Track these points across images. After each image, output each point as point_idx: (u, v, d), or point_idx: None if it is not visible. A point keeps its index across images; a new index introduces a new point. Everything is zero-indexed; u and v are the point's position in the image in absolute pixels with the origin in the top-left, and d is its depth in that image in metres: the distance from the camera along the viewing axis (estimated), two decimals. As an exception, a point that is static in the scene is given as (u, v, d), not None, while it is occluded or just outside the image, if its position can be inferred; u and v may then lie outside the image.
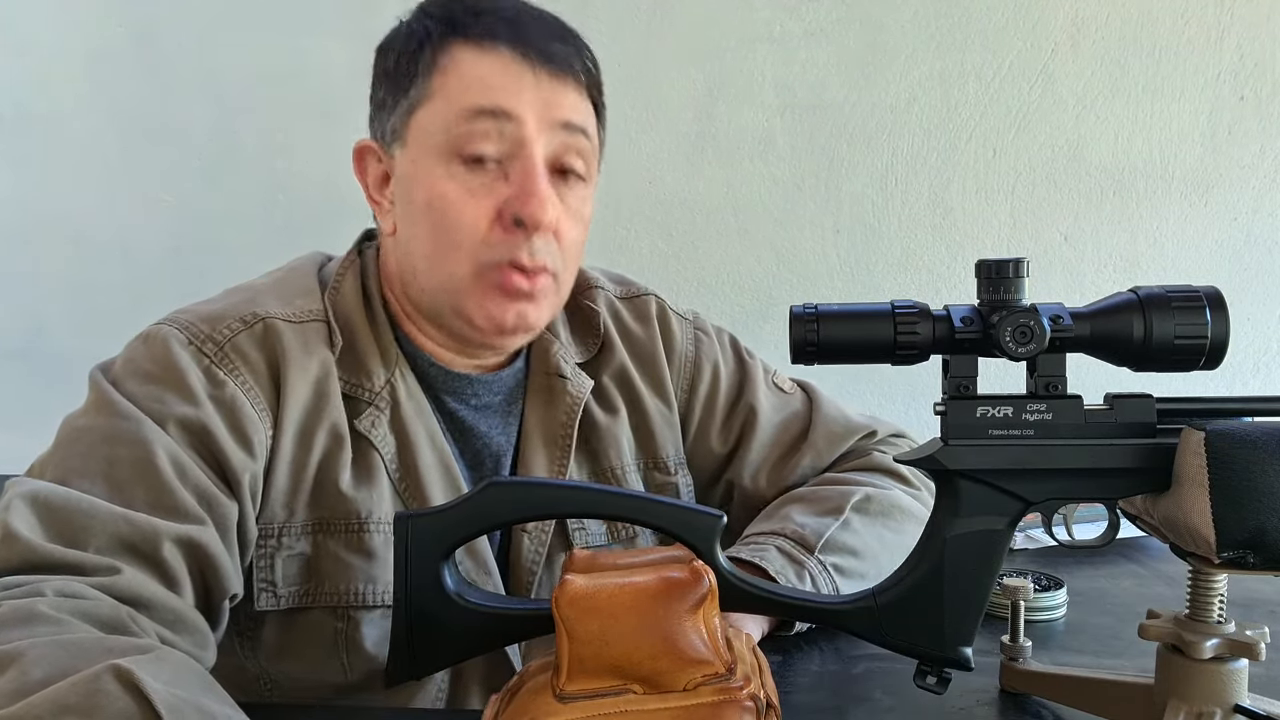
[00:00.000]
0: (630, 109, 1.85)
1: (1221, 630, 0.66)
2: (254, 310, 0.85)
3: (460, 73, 0.83)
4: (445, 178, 0.84)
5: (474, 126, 0.82)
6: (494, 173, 0.84)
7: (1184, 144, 1.81)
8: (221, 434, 0.79)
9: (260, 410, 0.82)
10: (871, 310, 0.66)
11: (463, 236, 0.84)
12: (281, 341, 0.84)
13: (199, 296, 0.89)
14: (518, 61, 0.83)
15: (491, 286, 0.85)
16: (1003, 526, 0.67)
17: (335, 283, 0.91)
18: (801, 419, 1.04)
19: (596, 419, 0.97)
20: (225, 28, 1.90)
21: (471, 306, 0.86)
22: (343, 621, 0.85)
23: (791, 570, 0.85)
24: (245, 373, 0.82)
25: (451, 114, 0.83)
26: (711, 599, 0.60)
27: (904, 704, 0.77)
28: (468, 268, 0.84)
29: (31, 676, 0.56)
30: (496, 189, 0.83)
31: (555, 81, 0.84)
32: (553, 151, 0.85)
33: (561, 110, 0.84)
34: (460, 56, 0.84)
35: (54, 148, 1.96)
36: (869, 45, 1.83)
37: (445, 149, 0.83)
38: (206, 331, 0.83)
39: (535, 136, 0.83)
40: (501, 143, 0.83)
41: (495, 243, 0.83)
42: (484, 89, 0.83)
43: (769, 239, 1.88)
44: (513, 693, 0.63)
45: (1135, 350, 0.64)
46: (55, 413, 0.82)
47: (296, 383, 0.84)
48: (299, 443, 0.84)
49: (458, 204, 0.83)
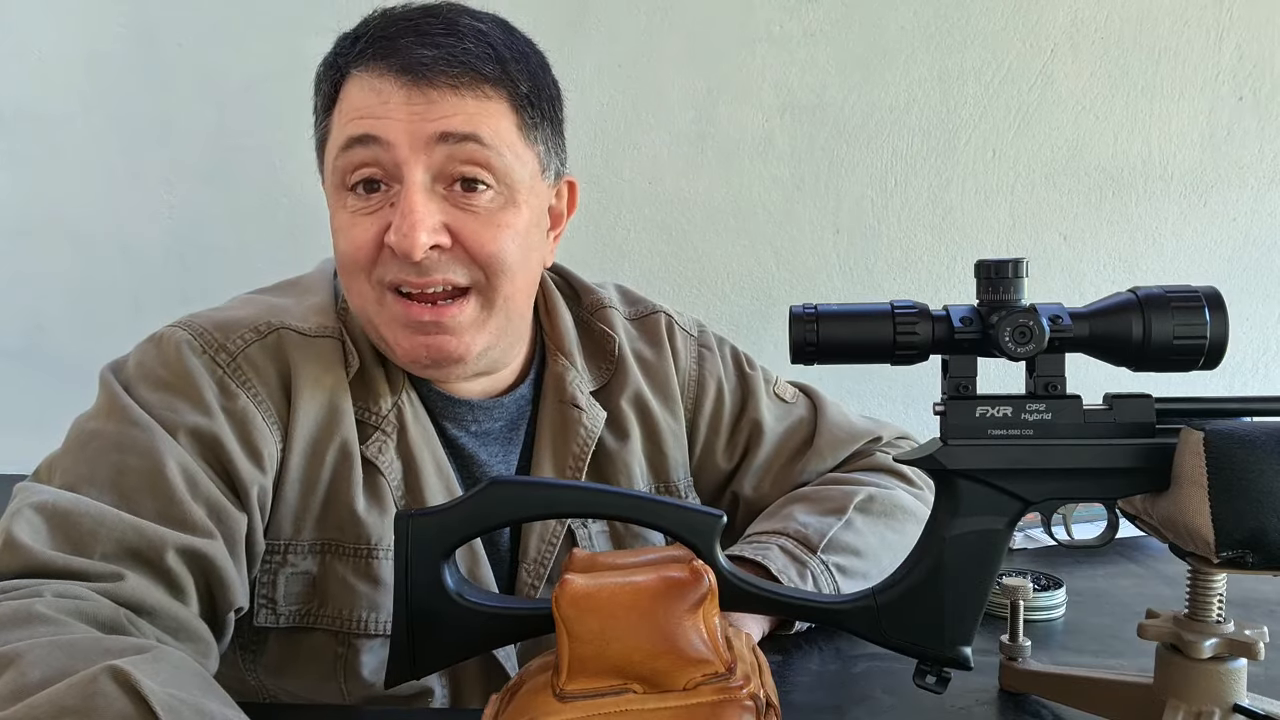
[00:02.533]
0: (630, 109, 1.85)
1: (1221, 630, 0.66)
2: (268, 320, 0.84)
3: (341, 106, 0.84)
4: (340, 209, 0.84)
5: (350, 157, 0.82)
6: (381, 197, 0.82)
7: (1183, 144, 1.81)
8: (232, 446, 0.78)
9: (270, 423, 0.81)
10: (871, 310, 0.66)
11: (355, 263, 0.83)
12: (295, 354, 0.83)
13: (199, 296, 0.89)
14: (384, 80, 0.80)
15: (396, 320, 0.83)
16: (1002, 526, 0.67)
17: (344, 300, 0.90)
18: (806, 425, 1.04)
19: (609, 447, 0.96)
20: (225, 28, 1.90)
21: (390, 339, 0.85)
22: (343, 646, 0.85)
23: (794, 570, 0.86)
24: (257, 384, 0.81)
25: (335, 148, 0.83)
26: (711, 598, 0.60)
27: (904, 704, 0.77)
28: (369, 292, 0.84)
29: (30, 678, 0.56)
30: (383, 213, 0.82)
31: (423, 95, 0.80)
32: (438, 166, 0.81)
33: (435, 123, 0.80)
34: (345, 88, 0.84)
35: (54, 148, 1.96)
36: (869, 45, 1.83)
37: (338, 182, 0.84)
38: (220, 340, 0.82)
39: (409, 157, 0.80)
40: (381, 168, 0.81)
41: (382, 263, 0.82)
42: (356, 117, 0.81)
43: (769, 239, 1.88)
44: (513, 692, 0.63)
45: (1134, 350, 0.64)
46: (55, 413, 0.82)
47: (308, 397, 0.83)
48: (309, 459, 0.83)
49: (347, 231, 0.83)
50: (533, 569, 0.92)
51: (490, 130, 0.82)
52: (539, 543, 0.92)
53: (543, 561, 0.92)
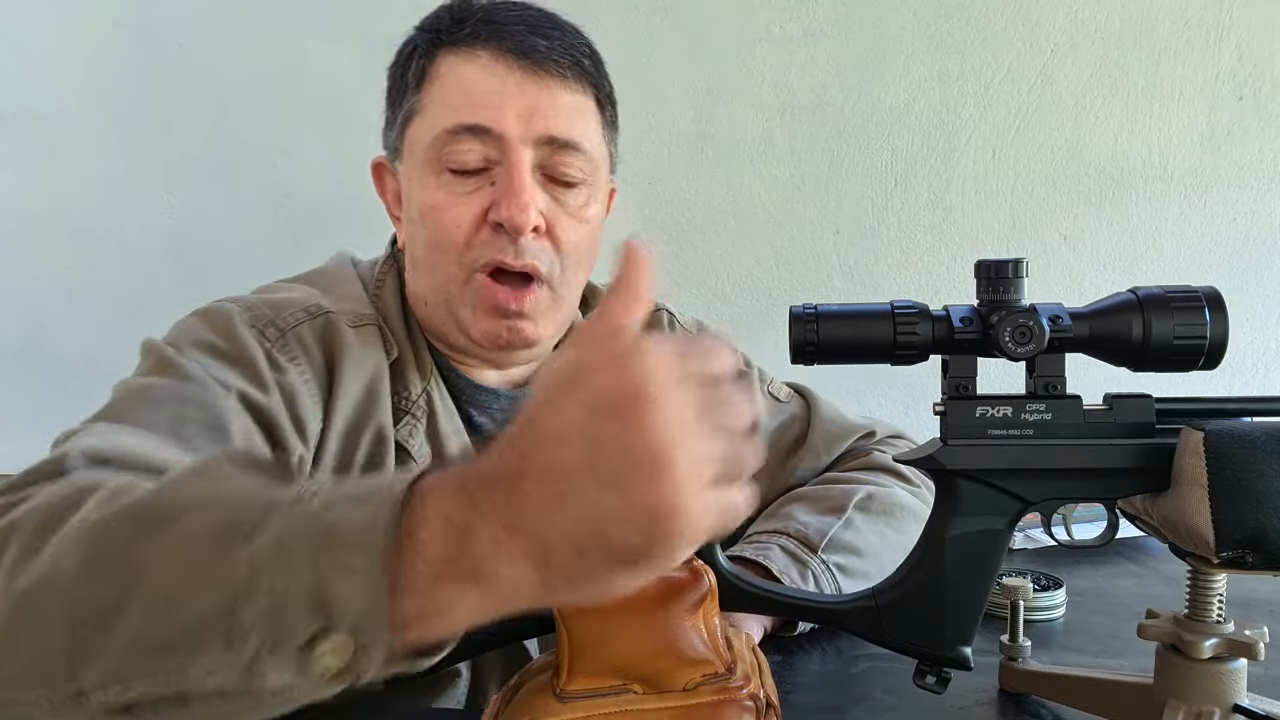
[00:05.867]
0: (630, 109, 1.84)
1: (1220, 630, 0.66)
2: (319, 303, 0.85)
3: (444, 84, 0.84)
4: (434, 186, 0.85)
5: (459, 144, 0.83)
6: (481, 179, 0.84)
7: (1183, 145, 1.81)
8: (283, 420, 0.78)
9: (314, 402, 0.82)
10: (871, 310, 0.66)
11: (450, 241, 0.84)
12: (341, 338, 0.84)
13: (199, 296, 0.88)
14: (497, 64, 0.83)
15: (482, 302, 0.85)
16: (1002, 526, 0.67)
17: (376, 288, 0.91)
18: (799, 423, 1.05)
19: None
20: (225, 28, 1.90)
21: (467, 319, 0.86)
22: None
23: (795, 570, 0.86)
24: (305, 362, 0.82)
25: (437, 129, 0.84)
26: (711, 599, 0.60)
27: (904, 704, 0.77)
28: (456, 271, 0.85)
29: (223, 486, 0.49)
30: (483, 193, 0.84)
31: (538, 84, 0.84)
32: (540, 162, 0.85)
33: (546, 123, 0.83)
34: (444, 67, 0.85)
35: (54, 148, 1.96)
36: (869, 45, 1.83)
37: (434, 161, 0.84)
38: (270, 315, 0.82)
39: (518, 146, 0.83)
40: (486, 151, 0.84)
41: (480, 244, 0.84)
42: (466, 102, 0.83)
43: (769, 239, 1.88)
44: (513, 692, 0.63)
45: (1134, 350, 0.64)
46: (55, 413, 0.81)
47: (350, 380, 0.83)
48: (345, 442, 0.84)
49: (444, 209, 0.84)
50: None
51: (588, 131, 0.87)
52: None
53: None
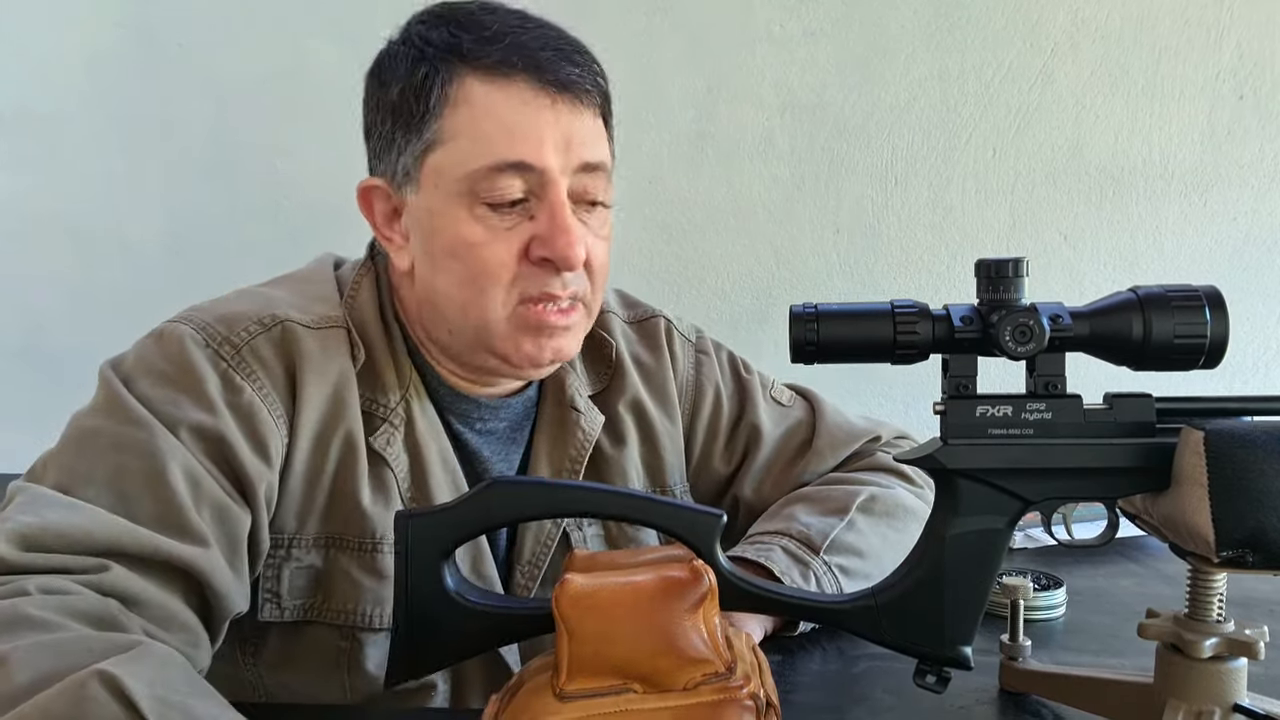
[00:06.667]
0: (630, 109, 1.84)
1: (1221, 629, 0.66)
2: (272, 313, 0.83)
3: (473, 113, 0.80)
4: (469, 220, 0.81)
5: (499, 179, 0.80)
6: (520, 212, 0.82)
7: (1183, 144, 1.81)
8: (239, 443, 0.77)
9: (277, 417, 0.80)
10: (871, 310, 0.66)
11: (493, 279, 0.82)
12: (300, 346, 0.82)
13: (199, 297, 0.88)
14: (537, 96, 0.81)
15: (527, 325, 0.84)
16: (1002, 526, 0.67)
17: (351, 291, 0.89)
18: (805, 427, 1.04)
19: (605, 451, 0.96)
20: (225, 28, 1.90)
21: (509, 347, 0.84)
22: (347, 641, 0.84)
23: (797, 571, 0.85)
24: (263, 377, 0.80)
25: (476, 164, 0.80)
26: (711, 598, 0.60)
27: (904, 704, 0.77)
28: (502, 310, 0.83)
29: (17, 681, 0.56)
30: (522, 228, 0.82)
31: (573, 114, 0.82)
32: (573, 189, 0.83)
33: (581, 150, 0.83)
34: (473, 93, 0.80)
35: (54, 148, 1.96)
36: (869, 44, 1.83)
37: (466, 194, 0.81)
38: (223, 333, 0.81)
39: (559, 179, 0.82)
40: (527, 185, 0.82)
41: (523, 277, 0.82)
42: (505, 136, 0.80)
43: (769, 239, 1.88)
44: (513, 692, 0.63)
45: (1135, 350, 0.64)
46: (55, 412, 0.81)
47: (313, 390, 0.82)
48: (314, 452, 0.83)
49: (485, 246, 0.82)
50: (527, 570, 0.92)
51: (606, 155, 0.87)
52: (534, 544, 0.92)
53: (537, 563, 0.92)
